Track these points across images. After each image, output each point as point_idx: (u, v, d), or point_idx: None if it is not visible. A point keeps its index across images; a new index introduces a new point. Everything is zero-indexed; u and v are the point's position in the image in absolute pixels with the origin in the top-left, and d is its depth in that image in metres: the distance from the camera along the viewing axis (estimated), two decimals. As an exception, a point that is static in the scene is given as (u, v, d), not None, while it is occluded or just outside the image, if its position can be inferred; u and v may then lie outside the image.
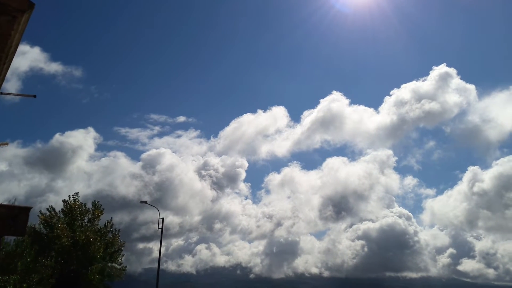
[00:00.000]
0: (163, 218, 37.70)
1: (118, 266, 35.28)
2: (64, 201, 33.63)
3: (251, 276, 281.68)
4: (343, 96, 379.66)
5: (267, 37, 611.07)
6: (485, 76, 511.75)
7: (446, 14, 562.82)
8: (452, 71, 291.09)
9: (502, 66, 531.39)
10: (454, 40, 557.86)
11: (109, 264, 34.53)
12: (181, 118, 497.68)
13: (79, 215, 33.54)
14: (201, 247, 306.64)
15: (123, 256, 35.81)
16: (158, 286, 37.04)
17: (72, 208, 33.33)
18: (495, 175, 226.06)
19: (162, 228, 37.38)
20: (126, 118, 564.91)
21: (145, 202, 38.25)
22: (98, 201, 35.55)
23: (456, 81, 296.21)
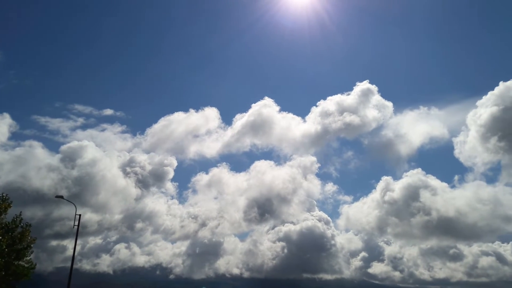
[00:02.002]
0: (80, 215, 36.34)
1: (25, 265, 33.12)
2: None
3: (171, 276, 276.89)
4: (274, 102, 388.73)
5: (206, 40, 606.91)
6: (400, 95, 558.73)
7: (375, 34, 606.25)
8: (374, 88, 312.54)
9: (415, 87, 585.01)
10: (378, 59, 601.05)
11: (16, 262, 32.34)
12: (108, 111, 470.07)
13: (-17, 208, 31.29)
14: (120, 246, 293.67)
15: (32, 253, 33.78)
16: (70, 286, 35.43)
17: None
18: (404, 186, 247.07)
19: (78, 225, 35.99)
20: (47, 107, 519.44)
21: (61, 197, 36.46)
22: (6, 194, 33.32)
23: (377, 98, 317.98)
